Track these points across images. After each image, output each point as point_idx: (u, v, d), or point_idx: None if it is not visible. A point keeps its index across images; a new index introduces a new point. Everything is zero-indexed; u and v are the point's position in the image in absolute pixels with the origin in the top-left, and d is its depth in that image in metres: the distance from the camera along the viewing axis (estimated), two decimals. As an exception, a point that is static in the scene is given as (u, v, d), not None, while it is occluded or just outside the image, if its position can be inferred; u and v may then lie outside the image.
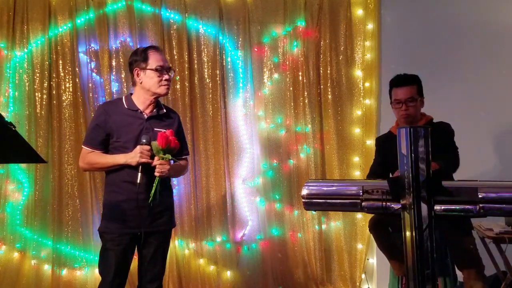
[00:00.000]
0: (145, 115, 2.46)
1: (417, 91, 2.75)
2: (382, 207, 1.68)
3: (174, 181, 3.67)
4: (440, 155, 2.64)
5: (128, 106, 2.46)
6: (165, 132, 2.36)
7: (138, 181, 2.31)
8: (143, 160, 2.32)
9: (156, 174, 2.34)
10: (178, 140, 2.45)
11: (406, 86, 2.74)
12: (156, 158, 2.34)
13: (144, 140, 2.34)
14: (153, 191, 2.35)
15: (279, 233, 3.80)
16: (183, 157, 2.63)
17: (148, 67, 2.43)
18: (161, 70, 2.44)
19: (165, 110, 2.56)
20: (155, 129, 2.42)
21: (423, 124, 2.78)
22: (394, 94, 2.78)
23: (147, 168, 2.33)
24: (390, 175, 2.81)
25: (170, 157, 2.35)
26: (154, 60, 2.44)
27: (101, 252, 2.44)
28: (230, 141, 3.74)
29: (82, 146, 2.47)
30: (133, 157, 2.33)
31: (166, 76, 2.45)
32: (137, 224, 2.37)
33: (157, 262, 2.46)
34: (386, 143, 2.93)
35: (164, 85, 2.45)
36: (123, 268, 2.40)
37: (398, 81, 2.78)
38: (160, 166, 2.33)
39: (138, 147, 2.34)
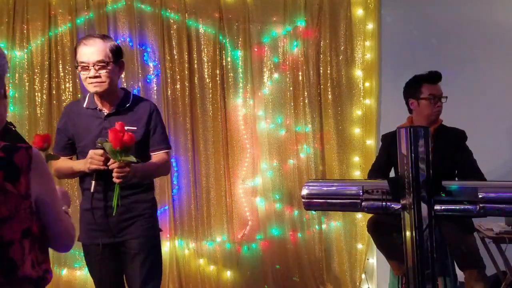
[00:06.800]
0: (104, 113, 2.14)
1: None
2: (382, 207, 1.68)
3: (174, 180, 3.67)
4: (461, 167, 2.67)
5: (88, 105, 2.17)
6: (115, 127, 1.95)
7: (92, 190, 2.02)
8: (94, 166, 1.99)
9: (115, 180, 1.98)
10: (148, 133, 2.16)
11: (438, 84, 2.73)
12: (111, 161, 1.98)
13: (98, 144, 2.00)
14: (114, 201, 2.01)
15: (279, 233, 3.80)
16: (158, 152, 2.22)
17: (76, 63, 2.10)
18: (84, 67, 2.05)
19: (130, 103, 2.19)
20: None
21: (437, 126, 2.76)
22: (429, 89, 2.73)
23: (105, 174, 2.01)
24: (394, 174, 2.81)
25: (133, 159, 1.95)
26: (78, 55, 2.07)
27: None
28: (230, 141, 3.74)
29: None
30: (85, 163, 2.04)
31: (90, 73, 2.04)
32: (102, 235, 2.13)
33: (145, 273, 2.16)
34: (394, 143, 2.91)
35: (91, 83, 2.06)
36: (106, 279, 2.23)
37: (434, 77, 2.73)
38: (118, 170, 1.96)
39: (90, 151, 2.03)
